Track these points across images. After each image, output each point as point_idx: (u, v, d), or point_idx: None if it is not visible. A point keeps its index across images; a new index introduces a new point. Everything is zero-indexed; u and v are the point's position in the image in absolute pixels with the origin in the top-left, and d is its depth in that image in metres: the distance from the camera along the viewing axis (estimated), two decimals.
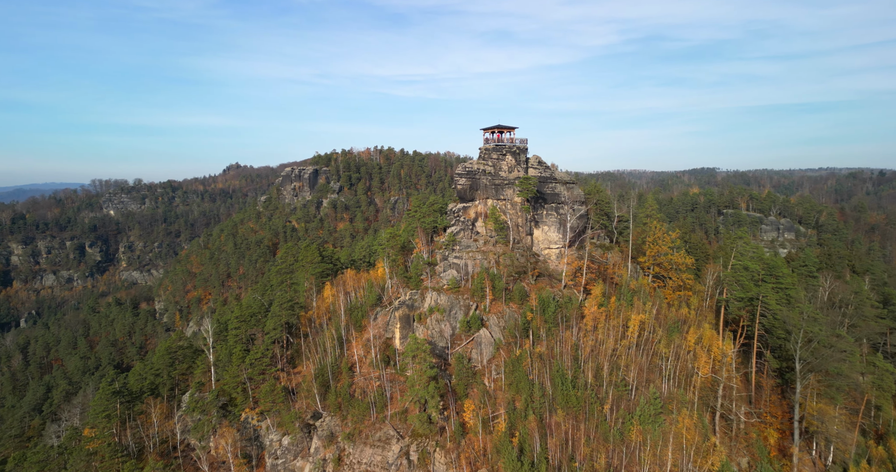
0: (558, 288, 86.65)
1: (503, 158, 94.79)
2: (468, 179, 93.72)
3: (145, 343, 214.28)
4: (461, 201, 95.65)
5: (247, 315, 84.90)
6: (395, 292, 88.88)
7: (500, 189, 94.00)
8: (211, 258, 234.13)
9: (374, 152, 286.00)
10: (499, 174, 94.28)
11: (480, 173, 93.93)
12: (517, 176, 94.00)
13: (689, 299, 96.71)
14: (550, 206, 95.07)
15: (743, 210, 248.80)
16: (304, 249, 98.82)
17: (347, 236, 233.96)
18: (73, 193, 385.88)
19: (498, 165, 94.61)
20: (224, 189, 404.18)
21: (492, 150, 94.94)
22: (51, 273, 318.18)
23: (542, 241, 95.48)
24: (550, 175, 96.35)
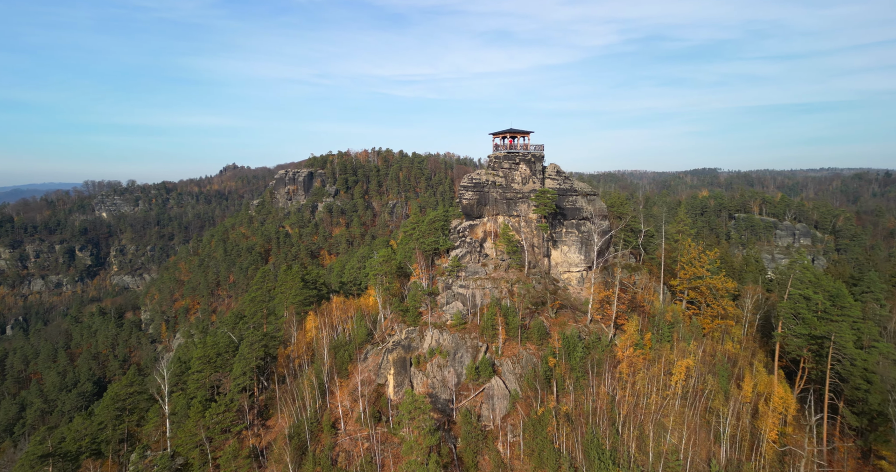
0: (583, 322, 71.19)
1: (516, 167, 79.19)
2: (475, 192, 78.09)
3: (129, 356, 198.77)
4: (467, 218, 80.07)
5: (211, 356, 69.36)
6: (388, 326, 73.37)
7: (513, 204, 78.41)
8: (200, 265, 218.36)
9: (371, 154, 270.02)
10: (511, 187, 78.69)
11: (489, 186, 78.31)
12: (532, 188, 78.46)
13: (731, 329, 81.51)
14: (571, 222, 79.55)
15: (756, 214, 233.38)
16: (283, 273, 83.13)
17: (343, 242, 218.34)
18: (64, 194, 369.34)
19: (510, 176, 79.02)
20: (220, 190, 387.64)
21: (503, 158, 79.29)
22: (39, 278, 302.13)
23: (560, 263, 80.00)
24: (570, 187, 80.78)
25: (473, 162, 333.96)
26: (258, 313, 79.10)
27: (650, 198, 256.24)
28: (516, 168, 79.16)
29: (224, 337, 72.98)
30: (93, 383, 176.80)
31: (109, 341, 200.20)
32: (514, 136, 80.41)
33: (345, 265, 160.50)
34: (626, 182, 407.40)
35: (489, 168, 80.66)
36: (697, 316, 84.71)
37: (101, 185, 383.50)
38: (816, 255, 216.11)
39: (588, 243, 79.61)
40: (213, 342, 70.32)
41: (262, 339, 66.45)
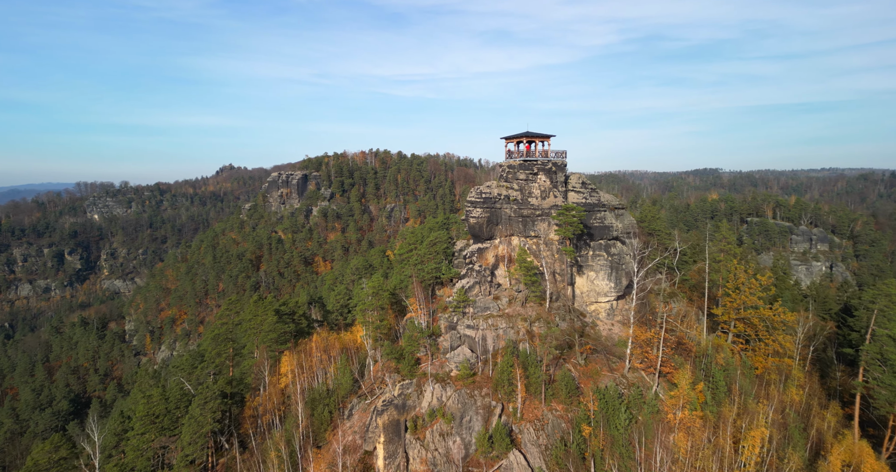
0: (620, 371, 56.34)
1: (534, 178, 64.15)
2: (485, 209, 63.01)
3: (111, 370, 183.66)
4: (475, 240, 65.00)
5: (158, 413, 54.37)
6: (378, 375, 58.41)
7: (530, 223, 63.42)
8: (188, 273, 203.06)
9: (369, 155, 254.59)
10: (528, 202, 63.65)
11: (502, 201, 63.26)
12: (553, 204, 63.46)
13: (791, 372, 66.79)
14: (598, 243, 64.63)
15: (769, 218, 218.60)
16: (253, 305, 67.88)
17: (339, 249, 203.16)
18: (56, 196, 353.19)
19: (527, 189, 63.96)
20: (215, 192, 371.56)
21: (518, 168, 64.20)
22: (27, 283, 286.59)
23: (586, 293, 65.12)
24: (598, 201, 65.80)
25: (474, 163, 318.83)
26: (222, 355, 64.24)
27: (657, 201, 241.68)
28: (534, 179, 64.13)
29: (176, 388, 57.95)
30: (69, 402, 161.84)
31: (90, 354, 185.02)
32: (531, 140, 65.33)
33: (336, 279, 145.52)
34: (628, 183, 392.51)
35: (501, 179, 65.56)
36: (746, 351, 70.14)
37: (93, 186, 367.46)
38: (835, 261, 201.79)
39: (619, 268, 64.76)
40: (160, 396, 55.27)
41: (217, 397, 51.43)
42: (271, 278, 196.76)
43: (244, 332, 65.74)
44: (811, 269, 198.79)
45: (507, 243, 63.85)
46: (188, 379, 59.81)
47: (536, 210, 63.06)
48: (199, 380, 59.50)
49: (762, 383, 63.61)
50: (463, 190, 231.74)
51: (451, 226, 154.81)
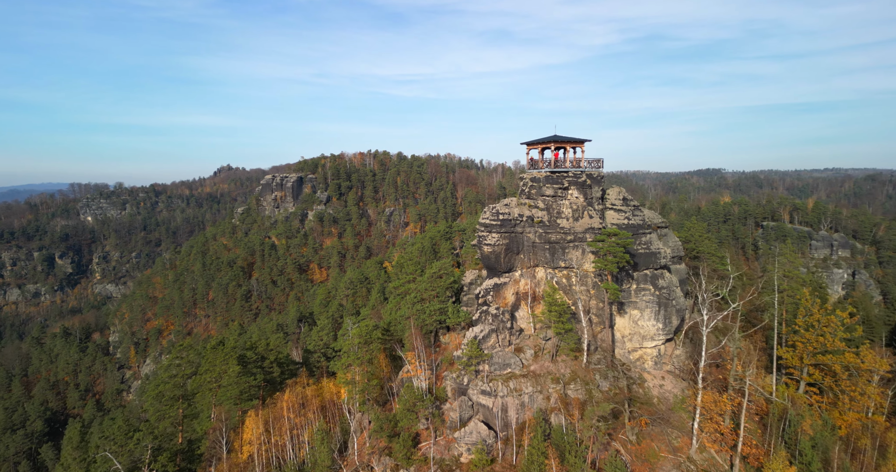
0: (685, 451, 41.87)
1: (563, 194, 49.48)
2: (503, 234, 48.29)
3: (92, 385, 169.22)
4: (490, 274, 50.31)
5: None
6: (365, 450, 43.86)
7: (560, 251, 48.78)
8: (176, 281, 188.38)
9: (367, 157, 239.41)
10: (556, 224, 48.96)
11: (524, 223, 48.58)
12: (589, 226, 48.79)
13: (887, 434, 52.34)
14: (643, 274, 50.08)
15: (786, 223, 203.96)
16: (210, 352, 52.77)
17: (335, 255, 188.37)
18: (49, 197, 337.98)
19: (555, 208, 49.27)
20: (212, 193, 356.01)
21: (544, 181, 49.48)
22: (15, 287, 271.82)
23: (629, 336, 50.58)
24: (643, 221, 51.22)
25: (476, 164, 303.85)
26: (167, 418, 49.60)
27: (666, 204, 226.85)
28: (564, 196, 49.46)
29: (102, 466, 43.38)
30: (44, 422, 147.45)
31: (71, 368, 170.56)
32: (560, 146, 50.58)
33: (329, 293, 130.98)
34: (632, 183, 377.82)
35: (522, 195, 50.80)
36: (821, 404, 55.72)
37: (87, 187, 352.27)
38: (857, 268, 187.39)
39: (667, 305, 50.26)
40: None
41: None
42: (264, 286, 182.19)
43: (199, 386, 51.07)
44: (833, 276, 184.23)
45: (531, 277, 49.23)
46: (119, 454, 45.14)
47: (567, 235, 48.43)
48: (132, 457, 44.88)
49: (851, 449, 49.38)
50: (465, 193, 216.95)
51: (453, 235, 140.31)
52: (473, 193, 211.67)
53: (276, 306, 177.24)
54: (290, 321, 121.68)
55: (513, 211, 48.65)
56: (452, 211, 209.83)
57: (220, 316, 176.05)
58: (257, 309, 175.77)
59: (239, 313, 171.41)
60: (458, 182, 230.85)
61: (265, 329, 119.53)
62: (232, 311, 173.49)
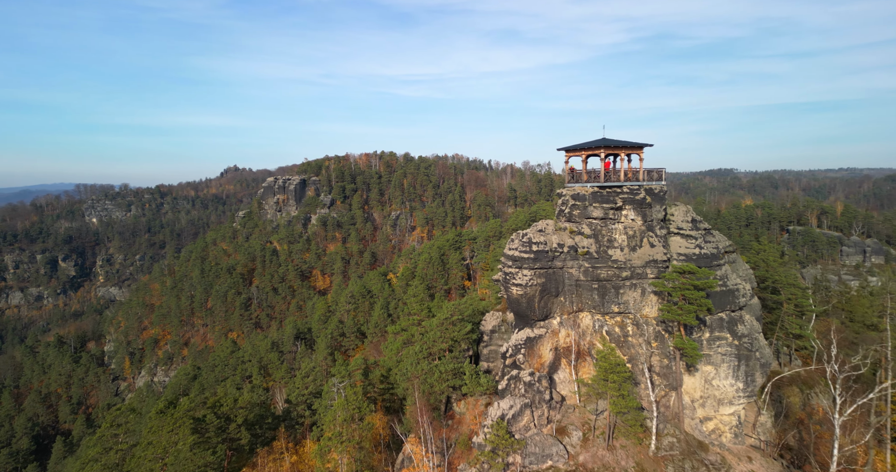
0: None
1: (616, 215, 36.86)
2: (538, 270, 35.74)
3: (85, 398, 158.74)
4: (520, 321, 37.79)
5: None
6: None
7: (612, 290, 36.20)
8: (174, 288, 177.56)
9: (373, 157, 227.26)
10: (607, 255, 36.36)
11: (565, 256, 36.02)
12: (650, 257, 36.18)
13: None
14: (717, 318, 37.35)
15: (814, 227, 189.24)
16: (156, 417, 40.17)
17: (338, 261, 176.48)
18: (54, 198, 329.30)
19: (605, 234, 36.67)
20: (217, 194, 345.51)
21: (591, 199, 36.89)
22: (18, 290, 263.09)
23: (699, 400, 37.93)
24: (717, 249, 38.51)
25: (484, 165, 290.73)
26: None
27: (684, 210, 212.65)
28: (617, 218, 36.89)
29: None
30: (32, 439, 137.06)
31: (64, 379, 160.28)
32: (612, 153, 37.99)
33: (329, 307, 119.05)
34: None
35: (562, 217, 38.21)
36: None
37: (92, 189, 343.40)
38: (893, 276, 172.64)
39: (749, 358, 37.63)
40: None
41: None
42: (264, 294, 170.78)
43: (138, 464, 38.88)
44: None
45: (573, 325, 36.70)
46: None
47: (622, 270, 35.89)
48: None
49: None
50: (474, 196, 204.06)
51: (463, 244, 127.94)
52: (483, 196, 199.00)
53: (277, 315, 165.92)
54: (287, 339, 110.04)
55: (549, 239, 36.10)
56: (461, 215, 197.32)
57: (218, 325, 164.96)
58: (257, 318, 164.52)
59: (238, 323, 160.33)
60: (467, 184, 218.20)
61: (259, 347, 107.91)
62: (231, 320, 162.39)
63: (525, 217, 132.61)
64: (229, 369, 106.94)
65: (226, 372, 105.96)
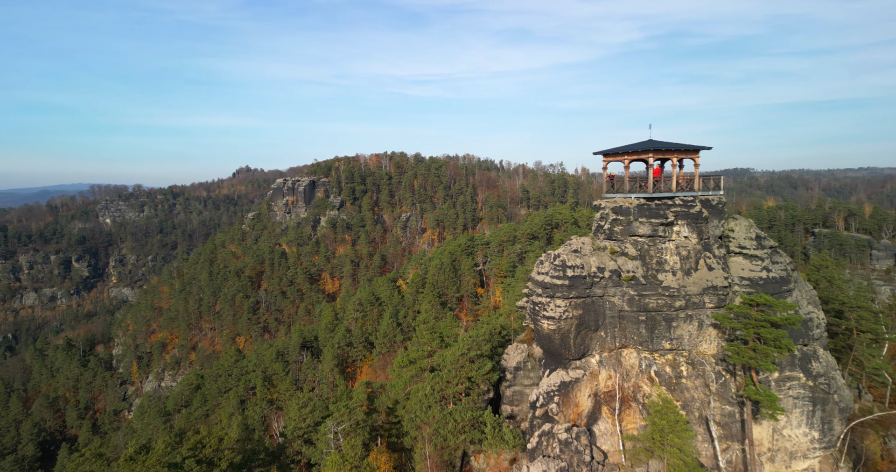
0: None
1: (667, 232, 30.31)
2: (573, 300, 29.41)
3: (93, 402, 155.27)
4: (551, 361, 31.48)
5: None
6: None
7: (664, 323, 29.70)
8: (182, 291, 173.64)
9: (383, 158, 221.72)
10: (656, 280, 29.88)
11: (606, 282, 29.63)
12: (708, 283, 29.56)
13: None
14: (788, 355, 30.52)
15: (842, 230, 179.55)
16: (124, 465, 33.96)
17: (348, 264, 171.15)
18: (69, 199, 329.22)
19: (654, 255, 30.18)
20: (229, 195, 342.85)
21: (636, 213, 30.41)
22: (32, 291, 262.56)
23: (767, 453, 31.21)
24: (785, 272, 31.74)
25: (496, 165, 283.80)
26: None
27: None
28: (668, 235, 30.40)
29: None
30: (37, 445, 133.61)
31: (72, 383, 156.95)
32: (662, 156, 31.49)
33: (336, 314, 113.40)
34: None
35: (601, 234, 31.77)
36: None
37: (106, 189, 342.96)
38: None
39: (826, 401, 30.93)
40: None
41: None
42: (272, 297, 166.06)
43: None
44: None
45: (615, 364, 30.29)
46: None
47: (675, 298, 29.42)
48: None
49: None
50: (486, 197, 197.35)
51: (475, 249, 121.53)
52: (495, 197, 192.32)
53: (286, 319, 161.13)
54: (292, 348, 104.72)
55: (587, 262, 29.70)
56: (473, 216, 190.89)
57: (226, 329, 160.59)
58: (265, 322, 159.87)
59: (246, 327, 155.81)
60: (479, 185, 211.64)
61: (263, 357, 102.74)
62: (239, 324, 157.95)
63: (540, 221, 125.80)
64: (233, 379, 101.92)
65: (229, 383, 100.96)
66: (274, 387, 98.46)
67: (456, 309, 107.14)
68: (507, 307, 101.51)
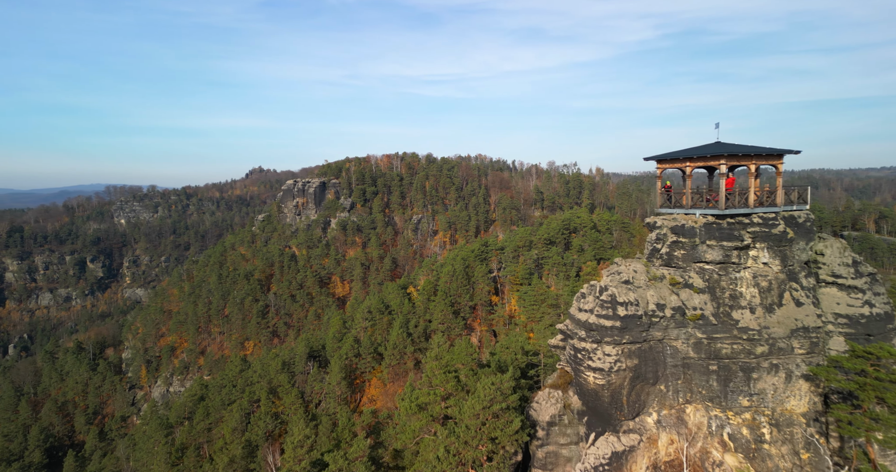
0: None
1: (741, 258, 23.67)
2: (626, 346, 23.14)
3: (101, 407, 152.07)
4: (596, 421, 25.05)
5: None
6: None
7: (741, 374, 23.08)
8: (191, 294, 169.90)
9: (394, 159, 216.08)
10: (730, 318, 23.30)
11: (665, 322, 23.20)
12: (798, 323, 22.87)
13: None
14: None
15: (873, 233, 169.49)
16: None
17: (358, 267, 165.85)
18: (85, 200, 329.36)
19: (725, 286, 23.57)
20: (241, 196, 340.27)
21: (704, 234, 23.84)
22: (47, 291, 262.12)
23: None
24: (888, 304, 24.82)
25: (508, 165, 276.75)
26: None
27: None
28: (742, 261, 23.85)
29: None
30: (44, 452, 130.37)
31: (81, 387, 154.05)
32: (732, 162, 24.97)
33: (344, 322, 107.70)
34: None
35: (657, 259, 25.35)
36: None
37: (122, 190, 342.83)
38: None
39: None
40: None
41: None
42: (282, 301, 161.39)
43: None
44: None
45: (677, 425, 23.82)
46: None
47: (756, 342, 22.90)
48: None
49: None
50: (499, 198, 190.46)
51: (490, 255, 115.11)
52: (508, 199, 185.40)
53: (295, 323, 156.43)
54: (298, 358, 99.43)
55: (643, 296, 23.27)
56: (485, 218, 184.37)
57: (234, 333, 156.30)
58: (274, 327, 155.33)
59: (255, 331, 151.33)
60: (491, 186, 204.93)
61: (269, 368, 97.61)
62: (248, 328, 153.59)
63: (558, 225, 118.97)
64: (237, 390, 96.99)
65: (233, 394, 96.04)
66: (279, 400, 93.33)
67: (469, 318, 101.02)
68: (524, 317, 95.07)
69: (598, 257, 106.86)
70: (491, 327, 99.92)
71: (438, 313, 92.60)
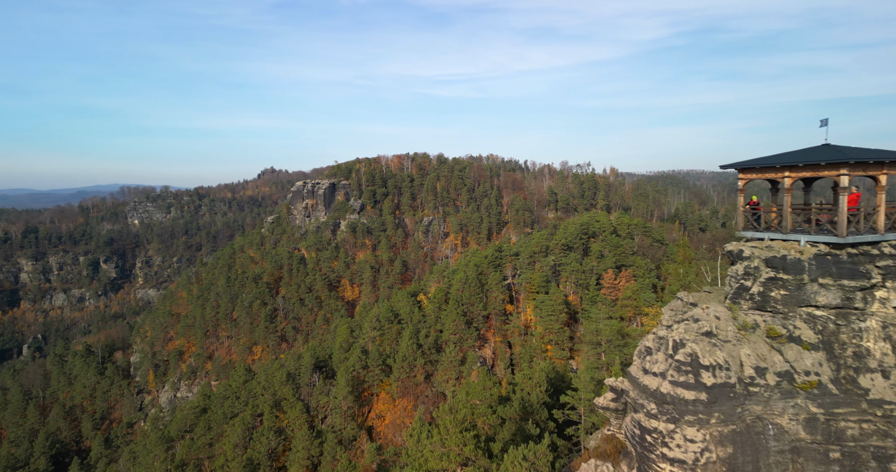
0: None
1: (866, 301, 17.09)
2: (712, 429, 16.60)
3: (109, 412, 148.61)
4: None
5: None
6: None
7: (872, 461, 16.62)
8: (200, 297, 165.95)
9: (405, 160, 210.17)
10: (855, 384, 16.72)
11: (765, 393, 16.73)
12: None
13: None
14: None
15: None
16: None
17: (367, 270, 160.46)
18: (100, 200, 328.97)
19: (847, 341, 16.93)
20: (253, 196, 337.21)
21: (816, 270, 17.22)
22: (61, 292, 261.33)
23: None
24: None
25: (520, 166, 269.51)
26: None
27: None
28: (867, 305, 17.34)
29: None
30: (49, 458, 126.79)
31: (89, 392, 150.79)
32: (866, 176, 18.45)
33: (352, 330, 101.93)
34: (688, 184, 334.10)
35: (745, 300, 18.90)
36: None
37: (135, 190, 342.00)
38: None
39: None
40: None
41: None
42: (291, 304, 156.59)
43: None
44: None
45: None
46: None
47: (893, 421, 16.50)
48: None
49: None
50: (511, 199, 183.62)
51: (504, 261, 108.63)
52: (521, 200, 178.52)
53: (304, 328, 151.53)
54: (304, 369, 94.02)
55: (735, 355, 16.81)
56: (497, 220, 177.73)
57: (242, 338, 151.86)
58: (283, 331, 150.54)
59: (263, 335, 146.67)
60: (504, 187, 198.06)
61: (273, 380, 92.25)
62: (256, 333, 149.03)
63: (575, 230, 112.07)
64: (240, 403, 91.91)
65: (236, 407, 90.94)
66: (284, 413, 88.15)
67: (482, 328, 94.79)
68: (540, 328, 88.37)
69: (619, 264, 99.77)
70: (506, 337, 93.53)
71: (450, 322, 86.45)
